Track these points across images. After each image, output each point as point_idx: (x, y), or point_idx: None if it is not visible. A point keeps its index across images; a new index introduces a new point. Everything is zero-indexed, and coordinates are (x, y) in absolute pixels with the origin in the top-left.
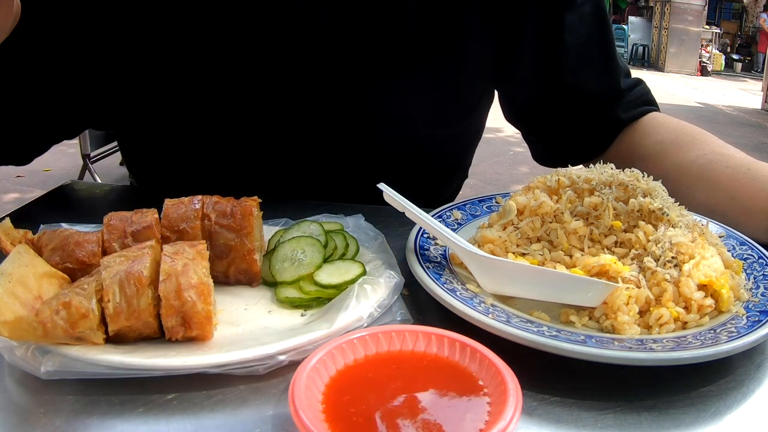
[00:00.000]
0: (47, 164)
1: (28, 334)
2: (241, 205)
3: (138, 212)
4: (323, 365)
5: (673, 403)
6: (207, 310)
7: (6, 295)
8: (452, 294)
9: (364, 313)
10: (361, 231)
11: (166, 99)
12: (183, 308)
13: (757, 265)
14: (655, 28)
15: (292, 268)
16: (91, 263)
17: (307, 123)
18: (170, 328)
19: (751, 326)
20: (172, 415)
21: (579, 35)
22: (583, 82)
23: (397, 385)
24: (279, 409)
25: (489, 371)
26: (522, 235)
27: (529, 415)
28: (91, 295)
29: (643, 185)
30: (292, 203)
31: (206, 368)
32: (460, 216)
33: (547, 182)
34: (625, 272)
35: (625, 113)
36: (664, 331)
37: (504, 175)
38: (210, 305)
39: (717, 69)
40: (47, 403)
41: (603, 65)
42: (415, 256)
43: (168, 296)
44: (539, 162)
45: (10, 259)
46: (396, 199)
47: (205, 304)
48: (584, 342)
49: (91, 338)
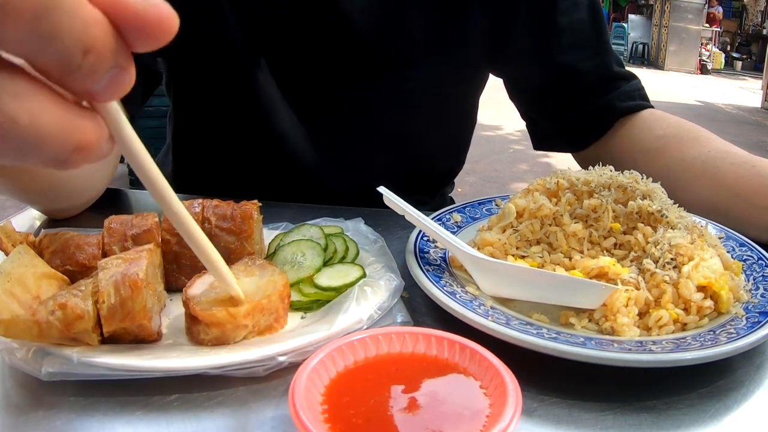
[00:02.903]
0: None
1: (24, 334)
2: (241, 208)
3: (139, 216)
4: (323, 367)
5: (673, 404)
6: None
7: (3, 294)
8: (452, 296)
9: (364, 315)
10: (361, 234)
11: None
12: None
13: (757, 266)
14: (655, 26)
15: (293, 271)
16: (91, 266)
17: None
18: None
19: (751, 327)
20: (172, 416)
21: (572, 19)
22: (575, 62)
23: (397, 386)
24: (279, 410)
25: (489, 373)
26: (521, 238)
27: (529, 416)
28: (87, 297)
29: (642, 187)
30: (292, 207)
31: (206, 370)
32: (459, 219)
33: (546, 184)
34: (624, 274)
35: (621, 102)
36: (663, 333)
37: (504, 172)
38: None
39: (717, 67)
40: (47, 405)
41: (595, 48)
42: (414, 258)
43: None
44: (537, 147)
45: (9, 258)
46: (396, 203)
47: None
48: (584, 344)
49: (85, 339)
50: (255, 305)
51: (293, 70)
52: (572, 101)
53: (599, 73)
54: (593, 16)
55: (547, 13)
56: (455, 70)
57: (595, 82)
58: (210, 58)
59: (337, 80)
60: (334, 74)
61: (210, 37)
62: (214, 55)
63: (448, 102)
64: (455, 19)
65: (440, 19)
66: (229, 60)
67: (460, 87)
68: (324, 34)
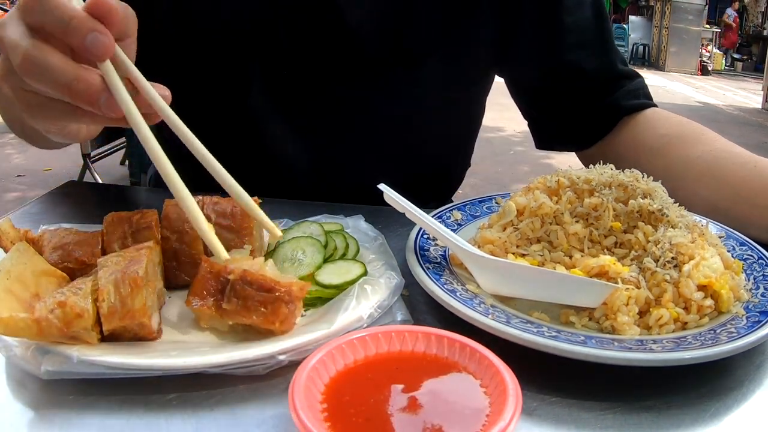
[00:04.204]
0: (47, 164)
1: (23, 332)
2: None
3: (138, 213)
4: (323, 365)
5: (673, 403)
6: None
7: (2, 292)
8: (452, 295)
9: (364, 314)
10: (361, 231)
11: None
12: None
13: (757, 266)
14: (656, 27)
15: (292, 269)
16: (90, 263)
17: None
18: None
19: (751, 327)
20: (172, 415)
21: (576, 18)
22: (580, 61)
23: (397, 385)
24: (279, 409)
25: (489, 371)
26: (522, 236)
27: (529, 415)
28: (86, 295)
29: (643, 186)
30: (292, 204)
31: (206, 368)
32: (460, 216)
33: (546, 183)
34: (624, 273)
35: (625, 101)
36: (663, 332)
37: (505, 174)
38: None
39: (717, 68)
40: (47, 403)
41: (599, 46)
42: (415, 256)
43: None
44: (540, 147)
45: (8, 256)
46: (396, 200)
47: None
48: (584, 342)
49: (85, 338)
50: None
51: (293, 70)
52: (576, 100)
53: (603, 71)
54: (597, 15)
55: (551, 11)
56: (461, 71)
57: (600, 81)
58: (209, 58)
59: (337, 80)
60: (335, 74)
61: (210, 36)
62: (213, 55)
63: (453, 103)
64: (462, 20)
65: (447, 19)
66: (227, 60)
67: (466, 88)
68: (325, 34)
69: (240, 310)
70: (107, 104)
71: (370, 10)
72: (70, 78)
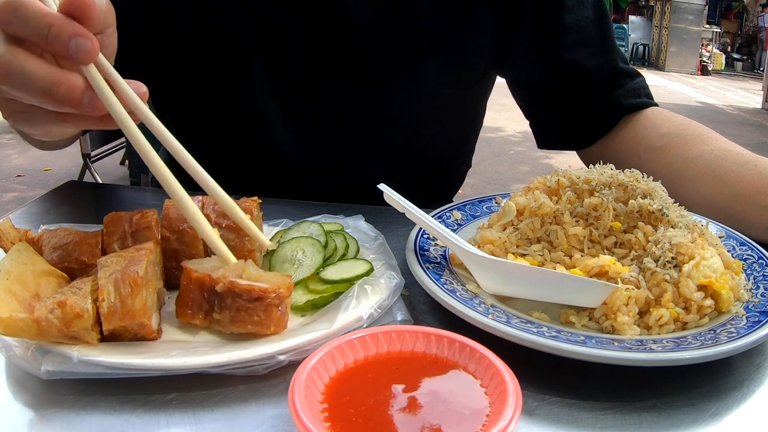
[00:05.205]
0: (47, 164)
1: (23, 332)
2: (241, 205)
3: (138, 212)
4: (323, 365)
5: (673, 403)
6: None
7: (2, 292)
8: (452, 295)
9: (364, 314)
10: (361, 231)
11: (172, 87)
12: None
13: (757, 266)
14: (656, 27)
15: (292, 269)
16: (90, 263)
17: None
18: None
19: (751, 327)
20: (171, 414)
21: (577, 16)
22: (581, 59)
23: (397, 385)
24: (279, 409)
25: (489, 371)
26: (522, 236)
27: (529, 415)
28: (86, 295)
29: (643, 186)
30: (292, 204)
31: (206, 368)
32: (460, 216)
33: (546, 183)
34: (624, 273)
35: (626, 99)
36: (663, 332)
37: (504, 174)
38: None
39: (717, 68)
40: (47, 403)
41: (600, 45)
42: (415, 256)
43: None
44: (541, 146)
45: (9, 256)
46: (396, 200)
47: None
48: (584, 342)
49: (85, 338)
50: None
51: (297, 66)
52: (577, 98)
53: (604, 70)
54: (598, 14)
55: (553, 10)
56: (462, 69)
57: (601, 80)
58: (215, 54)
59: (340, 78)
60: (338, 72)
61: (211, 35)
62: (219, 51)
63: (455, 103)
64: (464, 18)
65: (448, 20)
66: (232, 56)
67: (467, 87)
68: (329, 29)
69: (234, 321)
70: (91, 104)
71: (374, 6)
72: (49, 84)
